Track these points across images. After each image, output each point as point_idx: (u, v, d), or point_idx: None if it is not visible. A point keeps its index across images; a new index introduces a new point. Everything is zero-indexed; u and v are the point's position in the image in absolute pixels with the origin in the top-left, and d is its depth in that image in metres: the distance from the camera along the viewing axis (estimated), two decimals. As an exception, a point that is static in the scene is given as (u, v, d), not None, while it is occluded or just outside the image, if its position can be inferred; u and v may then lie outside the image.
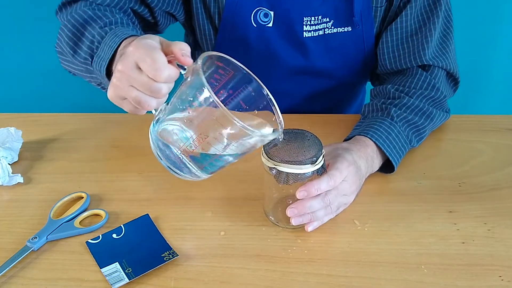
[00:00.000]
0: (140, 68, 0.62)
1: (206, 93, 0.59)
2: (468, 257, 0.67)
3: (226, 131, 0.61)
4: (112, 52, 0.71)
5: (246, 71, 0.66)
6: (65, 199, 0.76)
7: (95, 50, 0.76)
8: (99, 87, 0.82)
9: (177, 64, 0.62)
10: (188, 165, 0.67)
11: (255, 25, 0.92)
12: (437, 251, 0.68)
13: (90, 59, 0.77)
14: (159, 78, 0.61)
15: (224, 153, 0.65)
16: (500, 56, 1.57)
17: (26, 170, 0.83)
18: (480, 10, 1.47)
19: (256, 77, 0.67)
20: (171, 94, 0.65)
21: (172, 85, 0.63)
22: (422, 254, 0.67)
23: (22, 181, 0.79)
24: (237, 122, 0.59)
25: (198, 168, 0.67)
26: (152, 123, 0.68)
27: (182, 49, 0.62)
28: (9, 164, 0.81)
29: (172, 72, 0.61)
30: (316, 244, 0.69)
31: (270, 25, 0.92)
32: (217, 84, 0.66)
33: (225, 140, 0.62)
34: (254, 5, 0.91)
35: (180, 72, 0.62)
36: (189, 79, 0.62)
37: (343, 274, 0.64)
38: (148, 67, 0.61)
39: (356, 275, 0.64)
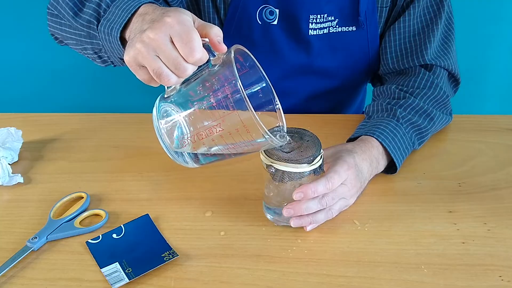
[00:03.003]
0: (172, 42, 0.59)
1: (236, 89, 0.58)
2: (468, 257, 0.67)
3: (243, 132, 0.60)
4: (129, 16, 0.67)
5: (263, 74, 0.66)
6: (65, 199, 0.76)
7: (102, 14, 0.72)
8: (95, 56, 0.77)
9: (206, 48, 0.60)
10: (184, 152, 0.66)
11: (260, 22, 0.92)
12: (437, 251, 0.68)
13: (95, 23, 0.73)
14: (191, 58, 0.59)
15: (226, 152, 0.64)
16: (500, 56, 1.57)
17: (26, 170, 0.83)
18: (480, 10, 1.47)
19: (270, 85, 0.67)
20: None
21: (196, 68, 0.62)
22: (422, 254, 0.67)
23: (22, 181, 0.79)
24: (264, 130, 0.58)
25: (191, 159, 0.67)
26: (159, 97, 0.66)
27: (217, 34, 0.61)
28: (9, 164, 0.81)
29: (204, 56, 0.60)
30: (316, 244, 0.69)
31: (275, 22, 0.92)
32: None
33: (234, 140, 0.62)
34: (260, 3, 0.91)
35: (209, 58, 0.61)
36: (216, 68, 0.61)
37: (343, 274, 0.64)
38: (183, 44, 0.58)
39: (356, 275, 0.64)
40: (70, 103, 1.66)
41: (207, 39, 0.61)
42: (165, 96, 0.65)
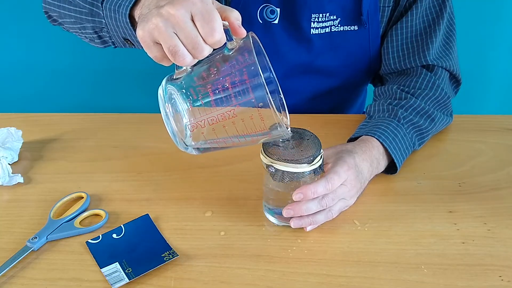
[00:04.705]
0: (192, 20, 0.56)
1: (255, 76, 0.57)
2: (468, 257, 0.67)
3: (257, 120, 0.59)
4: None
5: (269, 65, 0.65)
6: (65, 199, 0.76)
7: None
8: (95, 35, 0.75)
9: (225, 31, 0.58)
10: (187, 137, 0.64)
11: (261, 22, 0.92)
12: (437, 251, 0.68)
13: None
14: (210, 39, 0.56)
15: (233, 140, 0.63)
16: (500, 56, 1.57)
17: (26, 170, 0.83)
18: (480, 10, 1.47)
19: (275, 76, 0.66)
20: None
21: (211, 51, 0.59)
22: (422, 254, 0.67)
23: (22, 181, 0.79)
24: (278, 119, 0.58)
25: (192, 146, 0.65)
26: (166, 78, 0.64)
27: (238, 18, 0.59)
28: (9, 164, 0.81)
29: (223, 38, 0.57)
30: (316, 244, 0.69)
31: (276, 22, 0.92)
32: None
33: (246, 127, 0.61)
34: (261, 2, 0.91)
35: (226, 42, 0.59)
36: (231, 53, 0.60)
37: (343, 274, 0.64)
38: (204, 23, 0.56)
39: (356, 275, 0.64)
40: (70, 103, 1.66)
41: (226, 22, 0.59)
42: (174, 77, 0.63)
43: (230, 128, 0.61)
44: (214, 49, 0.59)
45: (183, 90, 0.62)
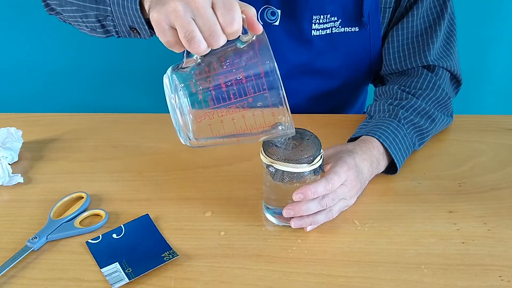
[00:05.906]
0: (212, 8, 0.56)
1: (271, 70, 0.57)
2: (468, 257, 0.67)
3: (268, 115, 0.59)
4: None
5: (274, 66, 0.65)
6: (65, 199, 0.76)
7: None
8: (98, 24, 0.72)
9: None
10: (190, 130, 0.63)
11: (262, 23, 0.92)
12: (437, 251, 0.68)
13: None
14: (229, 28, 0.56)
15: (237, 136, 0.63)
16: (500, 56, 1.57)
17: (26, 170, 0.83)
18: (480, 10, 1.48)
19: (279, 76, 0.66)
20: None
21: (226, 41, 0.58)
22: (422, 254, 0.67)
23: (22, 181, 0.79)
24: (289, 115, 0.58)
25: (195, 139, 0.64)
26: (172, 68, 0.62)
27: (255, 14, 0.59)
28: (9, 164, 0.81)
29: (240, 29, 0.56)
30: (316, 244, 0.69)
31: (277, 23, 0.92)
32: None
33: (255, 122, 0.60)
34: (262, 3, 0.91)
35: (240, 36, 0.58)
36: (244, 47, 0.59)
37: (343, 274, 0.64)
38: (225, 12, 0.55)
39: (356, 275, 0.64)
40: (70, 103, 1.67)
41: (244, 15, 0.58)
42: (183, 66, 0.61)
43: (238, 121, 0.61)
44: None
45: (192, 80, 0.60)
